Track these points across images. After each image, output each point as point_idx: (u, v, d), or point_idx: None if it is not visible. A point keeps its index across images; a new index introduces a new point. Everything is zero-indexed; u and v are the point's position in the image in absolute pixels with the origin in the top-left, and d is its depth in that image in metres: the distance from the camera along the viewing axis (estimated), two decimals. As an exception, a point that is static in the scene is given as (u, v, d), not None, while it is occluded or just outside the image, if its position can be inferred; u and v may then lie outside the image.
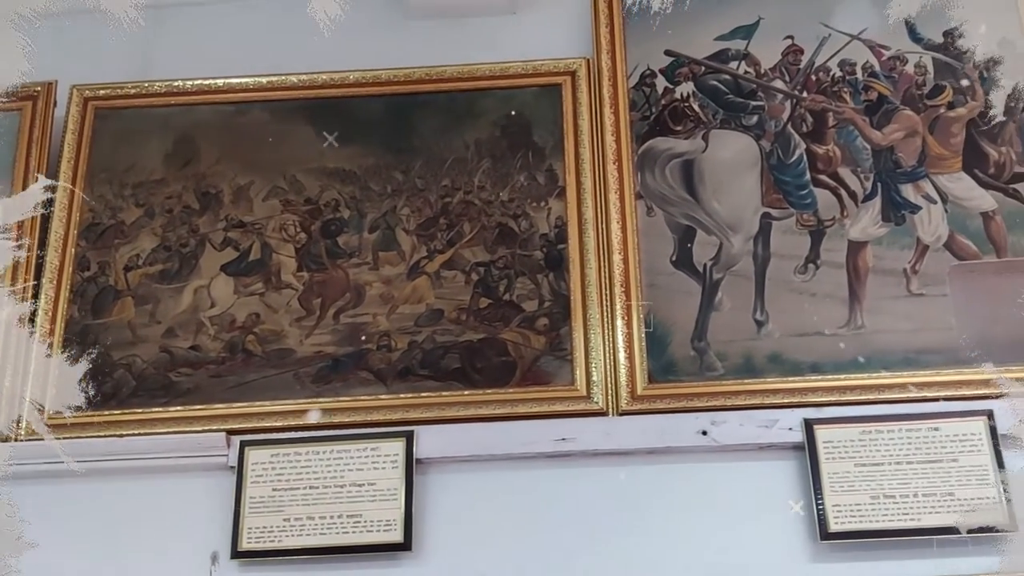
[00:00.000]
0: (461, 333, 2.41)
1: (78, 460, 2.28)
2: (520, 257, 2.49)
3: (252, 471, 2.28)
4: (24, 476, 2.28)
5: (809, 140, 2.54)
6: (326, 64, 2.73)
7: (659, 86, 2.64)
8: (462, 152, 2.61)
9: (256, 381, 2.39)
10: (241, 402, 2.37)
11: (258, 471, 2.28)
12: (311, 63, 2.73)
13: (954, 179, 2.48)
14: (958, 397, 2.23)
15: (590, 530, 2.23)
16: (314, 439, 2.30)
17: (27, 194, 2.54)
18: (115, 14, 2.53)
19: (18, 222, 2.53)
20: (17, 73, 2.51)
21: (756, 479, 2.24)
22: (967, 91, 2.55)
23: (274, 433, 2.33)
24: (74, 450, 2.29)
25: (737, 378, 2.32)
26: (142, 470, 2.34)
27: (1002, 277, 2.35)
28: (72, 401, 2.36)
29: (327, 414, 2.34)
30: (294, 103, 2.69)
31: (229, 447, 2.32)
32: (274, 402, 2.36)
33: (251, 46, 2.79)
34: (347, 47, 2.73)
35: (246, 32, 2.81)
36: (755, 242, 2.46)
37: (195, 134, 2.67)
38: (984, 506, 2.10)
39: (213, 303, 2.49)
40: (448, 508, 2.27)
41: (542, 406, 2.32)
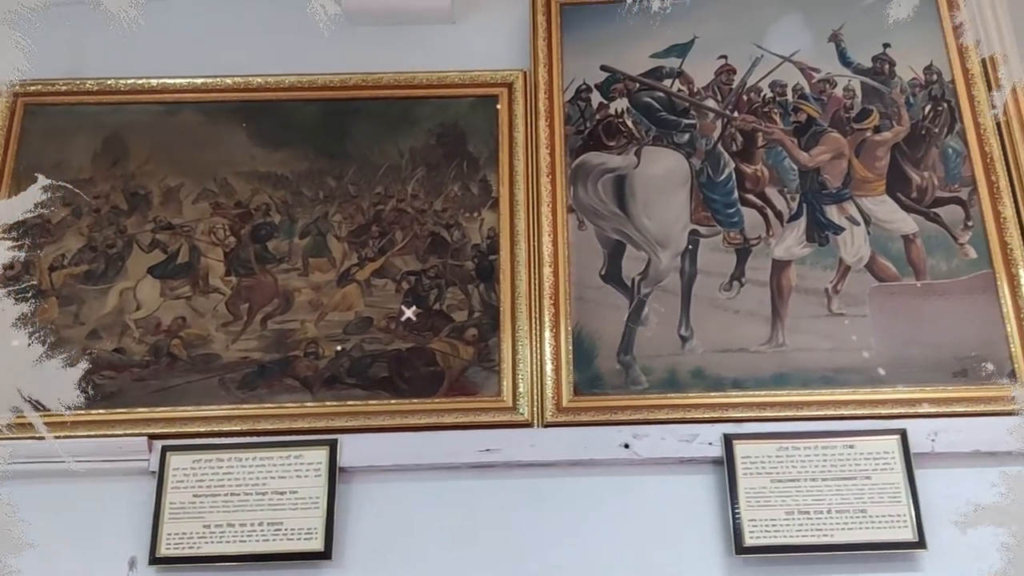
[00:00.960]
0: (390, 342, 2.41)
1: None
2: (451, 267, 2.50)
3: (173, 476, 2.26)
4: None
5: (738, 159, 2.59)
6: (262, 67, 2.71)
7: (594, 101, 2.67)
8: (396, 160, 2.61)
9: (180, 386, 2.37)
10: (164, 407, 2.35)
11: (179, 477, 2.26)
12: (247, 66, 2.71)
13: (877, 202, 2.54)
14: (873, 416, 2.28)
15: (512, 541, 2.24)
16: (237, 446, 2.29)
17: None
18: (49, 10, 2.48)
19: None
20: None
21: (676, 492, 2.27)
22: (893, 116, 2.62)
23: (197, 439, 2.31)
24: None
25: (661, 392, 2.35)
26: (62, 473, 2.28)
27: (920, 299, 2.41)
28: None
29: (250, 421, 2.32)
30: (228, 105, 2.67)
31: (151, 452, 2.30)
32: (198, 407, 2.34)
33: (186, 47, 2.76)
34: (284, 51, 2.73)
35: (182, 33, 2.78)
36: (683, 258, 2.50)
37: (125, 133, 2.64)
38: (895, 523, 2.15)
39: (139, 305, 2.47)
40: (370, 517, 2.27)
41: (468, 416, 2.33)
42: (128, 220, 2.56)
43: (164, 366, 2.39)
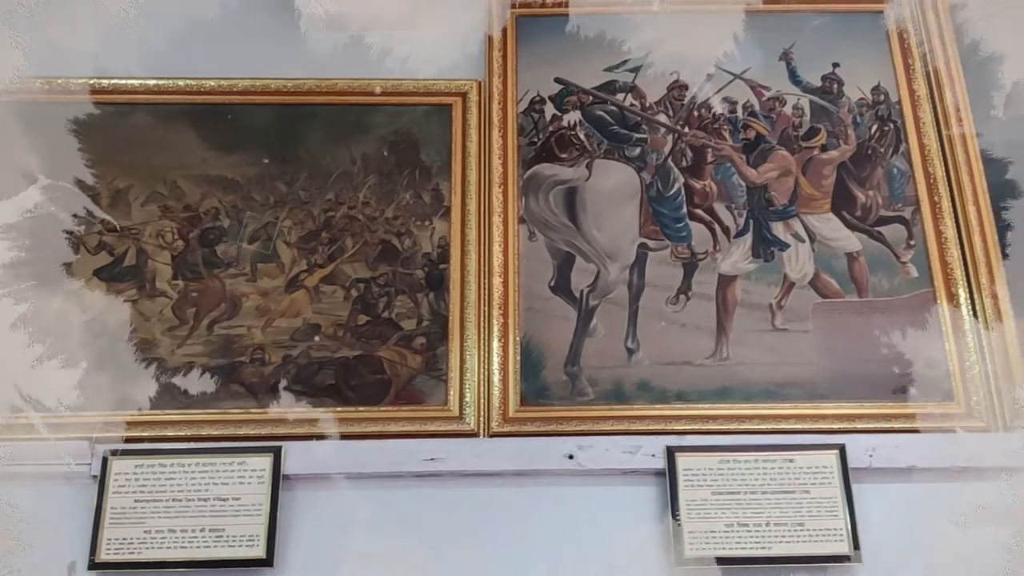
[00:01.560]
0: (337, 349, 2.41)
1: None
2: (401, 275, 2.50)
3: (115, 481, 2.24)
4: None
5: (688, 174, 2.62)
6: (217, 70, 2.70)
7: (547, 113, 2.68)
8: (348, 166, 2.61)
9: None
10: (107, 410, 2.32)
11: (121, 481, 2.24)
12: (201, 68, 2.69)
13: (823, 219, 2.58)
14: (813, 431, 2.32)
15: (456, 550, 2.25)
16: (180, 451, 2.27)
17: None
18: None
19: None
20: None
21: (619, 503, 2.29)
22: (840, 135, 2.66)
23: (139, 443, 2.29)
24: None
25: (606, 404, 2.37)
26: (2, 477, 2.28)
27: (862, 316, 2.46)
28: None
29: (194, 427, 2.31)
30: (179, 107, 2.65)
31: (93, 456, 2.27)
32: (141, 412, 2.32)
33: (138, 47, 2.74)
34: (239, 54, 2.72)
35: (134, 34, 2.76)
36: (631, 271, 2.52)
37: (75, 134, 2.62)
38: (832, 537, 2.19)
39: (85, 308, 2.44)
40: (314, 525, 2.26)
41: (414, 425, 2.33)
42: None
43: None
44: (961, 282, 2.47)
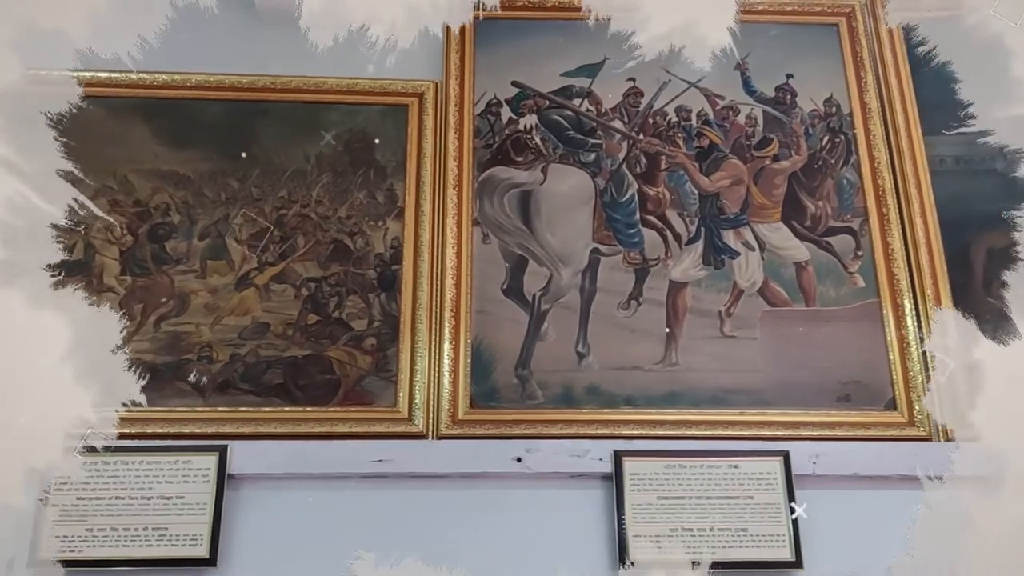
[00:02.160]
0: (286, 348, 2.40)
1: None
2: (353, 275, 2.49)
3: (58, 478, 2.21)
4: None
5: (642, 181, 2.64)
6: (171, 64, 2.67)
7: (504, 116, 2.69)
8: (302, 164, 2.60)
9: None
10: (50, 407, 2.28)
11: (64, 478, 2.21)
12: (153, 62, 2.66)
13: (773, 228, 2.61)
14: (758, 437, 2.35)
15: (402, 552, 2.23)
16: (124, 449, 2.24)
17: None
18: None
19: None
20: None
21: (566, 507, 2.30)
22: (792, 145, 2.69)
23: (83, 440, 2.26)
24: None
25: (555, 407, 2.38)
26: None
27: (808, 325, 2.49)
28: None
29: (139, 424, 2.28)
30: (132, 101, 2.62)
31: (35, 452, 2.23)
32: (85, 408, 2.29)
33: (91, 41, 2.69)
34: (193, 49, 2.69)
35: (86, 26, 2.71)
36: (583, 276, 2.53)
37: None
38: (774, 543, 2.22)
39: (29, 302, 2.40)
40: (259, 525, 2.25)
41: (363, 426, 2.33)
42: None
43: (53, 365, 2.33)
44: (907, 293, 2.51)
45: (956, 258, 2.55)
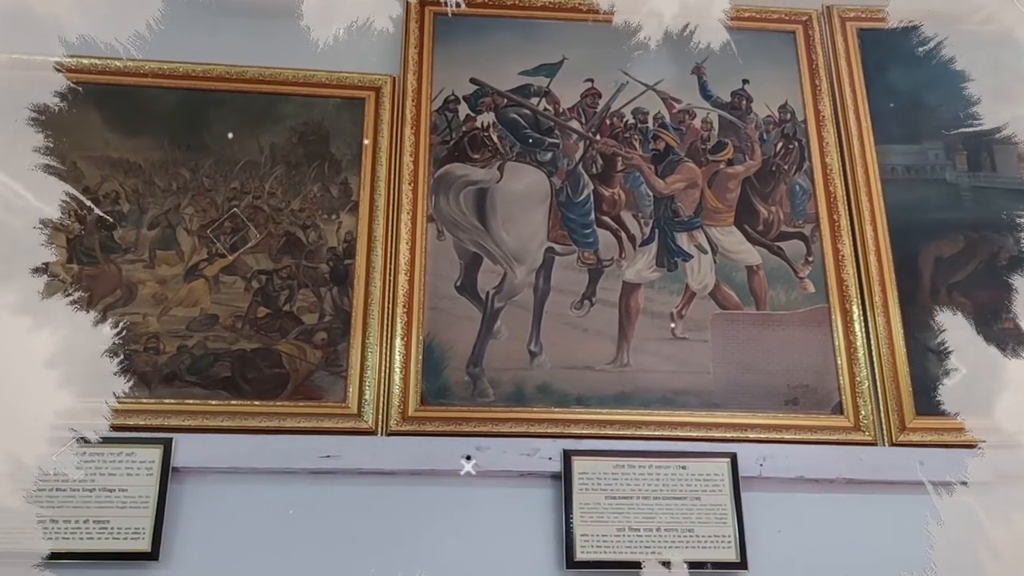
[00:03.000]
0: (235, 341, 2.37)
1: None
2: (305, 268, 2.47)
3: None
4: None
5: (597, 181, 2.64)
6: (125, 51, 2.61)
7: (461, 112, 2.68)
8: (256, 156, 2.57)
9: (10, 375, 2.26)
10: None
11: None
12: (106, 48, 2.61)
13: (726, 232, 2.63)
14: (707, 439, 2.36)
15: (349, 548, 2.22)
16: (65, 440, 2.19)
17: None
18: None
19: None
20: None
21: (515, 506, 2.30)
22: (747, 150, 2.72)
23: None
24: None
25: (506, 406, 2.38)
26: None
27: (758, 328, 2.51)
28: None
29: (82, 415, 2.23)
30: (84, 87, 2.57)
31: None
32: (26, 398, 2.24)
33: (43, 25, 2.64)
34: (147, 35, 2.64)
35: (38, 10, 2.66)
36: (537, 275, 2.53)
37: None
38: (720, 544, 2.23)
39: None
40: (203, 520, 2.21)
41: (311, 421, 2.30)
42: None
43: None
44: (855, 299, 2.54)
45: (904, 266, 2.59)
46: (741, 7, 2.85)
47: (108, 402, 2.22)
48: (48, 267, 2.37)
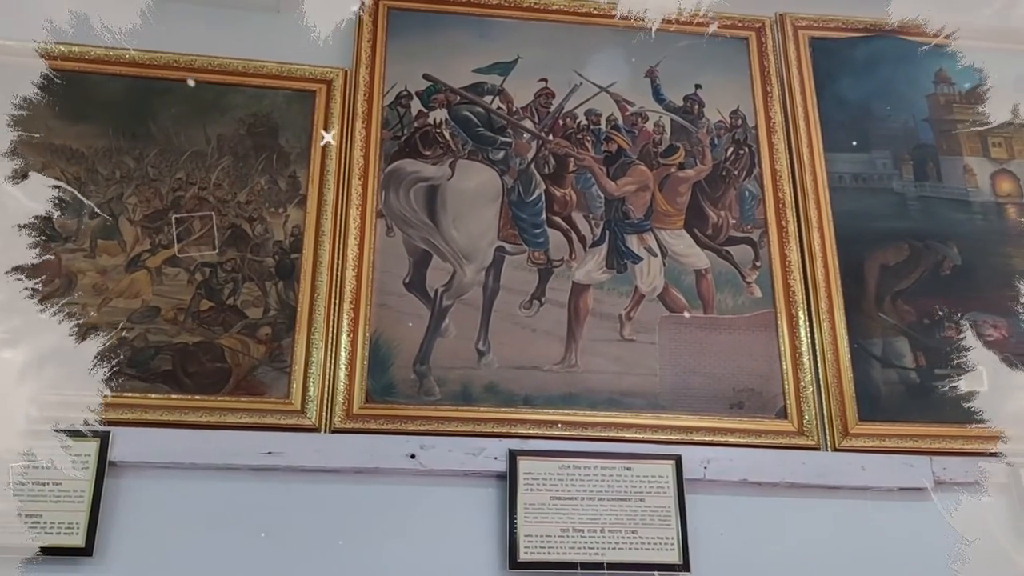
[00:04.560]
0: (176, 334, 2.32)
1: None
2: (250, 262, 2.43)
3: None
4: None
5: (549, 182, 2.64)
6: (69, 36, 2.56)
7: (414, 108, 2.66)
8: (202, 146, 2.53)
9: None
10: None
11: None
12: (52, 33, 2.55)
13: (675, 235, 2.64)
14: (652, 440, 2.36)
15: (290, 546, 2.19)
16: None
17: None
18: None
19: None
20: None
21: (459, 505, 2.28)
22: (698, 154, 2.73)
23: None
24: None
25: (452, 404, 2.36)
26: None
27: (705, 332, 2.52)
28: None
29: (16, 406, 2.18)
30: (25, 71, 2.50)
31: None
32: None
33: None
34: (93, 21, 2.58)
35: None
36: (487, 274, 2.52)
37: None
38: (663, 546, 2.23)
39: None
40: (140, 515, 2.17)
41: (253, 417, 2.27)
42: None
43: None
44: (801, 305, 2.56)
45: (850, 273, 2.62)
46: (695, 12, 2.86)
47: (43, 394, 2.18)
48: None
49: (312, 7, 2.73)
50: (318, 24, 2.71)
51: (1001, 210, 2.78)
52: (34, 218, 2.37)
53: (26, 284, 2.28)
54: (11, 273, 2.30)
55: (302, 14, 2.71)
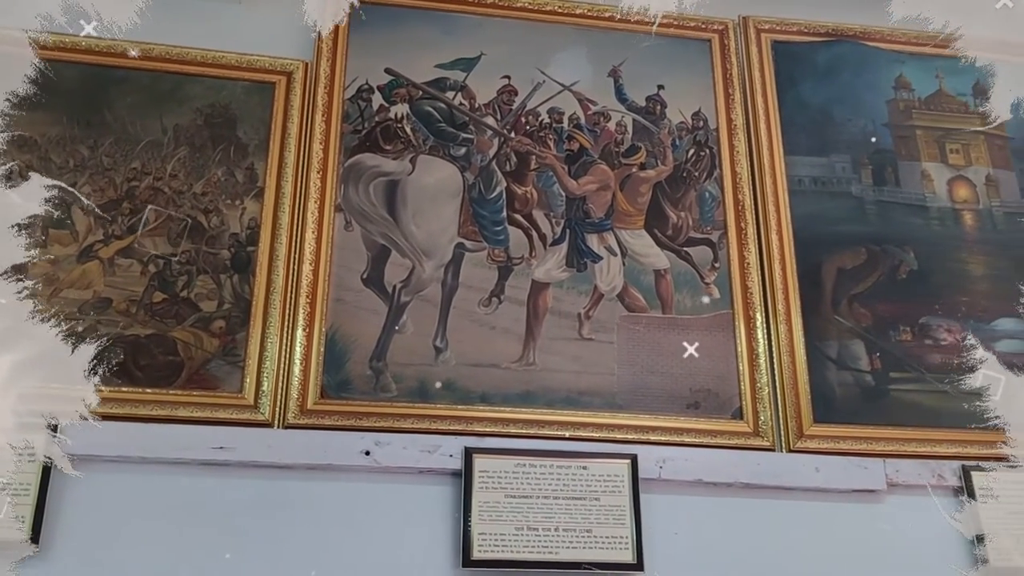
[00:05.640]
0: (128, 326, 2.28)
1: None
2: (205, 254, 2.40)
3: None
4: None
5: (511, 179, 2.63)
6: (23, 22, 2.51)
7: (375, 102, 2.64)
8: (159, 136, 2.49)
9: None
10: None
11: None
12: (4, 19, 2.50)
13: (635, 235, 2.64)
14: (608, 440, 2.36)
15: (240, 543, 2.16)
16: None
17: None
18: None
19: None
20: None
21: (414, 502, 2.26)
22: (659, 155, 2.73)
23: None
24: None
25: (408, 401, 2.34)
26: None
27: (663, 332, 2.52)
28: None
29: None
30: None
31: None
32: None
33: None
34: (48, 7, 2.54)
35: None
36: (446, 270, 2.50)
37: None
38: (617, 545, 2.23)
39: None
40: (88, 509, 2.12)
41: (205, 411, 2.23)
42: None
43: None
44: (759, 307, 2.57)
45: (808, 275, 2.63)
46: (659, 13, 2.86)
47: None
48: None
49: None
50: (280, 15, 2.69)
51: (957, 216, 2.81)
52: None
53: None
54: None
55: (264, 6, 2.69)
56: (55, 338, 2.24)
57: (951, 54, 2.97)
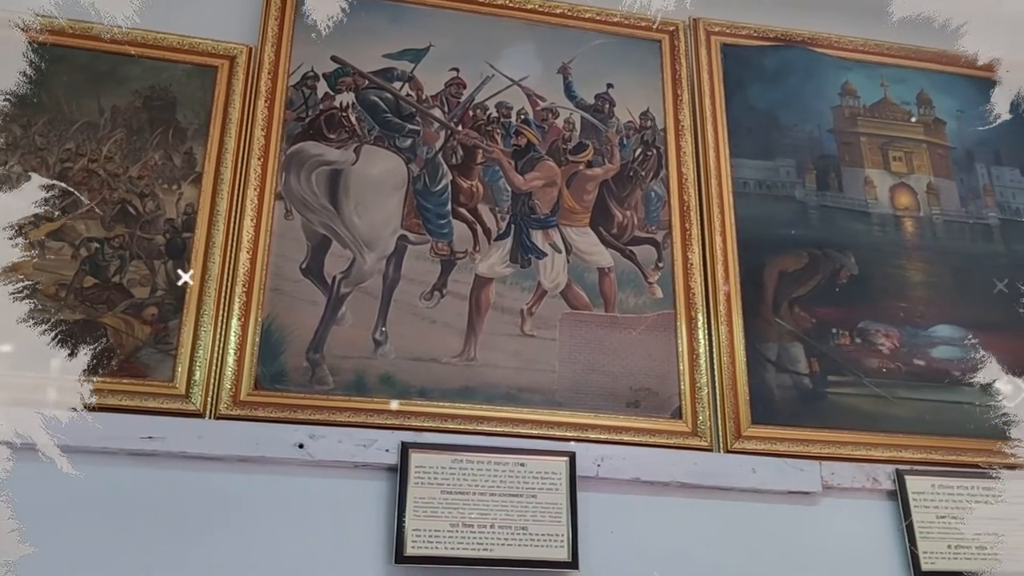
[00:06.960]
0: (57, 311, 2.21)
1: None
2: (139, 239, 2.33)
3: None
4: None
5: (456, 172, 2.60)
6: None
7: (320, 90, 2.60)
8: (95, 117, 2.42)
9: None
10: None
11: None
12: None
13: (580, 233, 2.62)
14: (547, 437, 2.34)
15: (167, 534, 2.11)
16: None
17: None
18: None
19: None
20: None
21: (347, 497, 2.22)
22: (606, 153, 2.72)
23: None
24: None
25: (345, 394, 2.30)
26: None
27: (605, 330, 2.51)
28: None
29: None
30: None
31: None
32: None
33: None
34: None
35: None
36: (388, 262, 2.47)
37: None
38: (552, 543, 2.21)
39: None
40: (8, 498, 2.05)
41: (134, 400, 2.18)
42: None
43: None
44: (701, 308, 2.58)
45: (750, 277, 2.64)
46: (610, 11, 2.86)
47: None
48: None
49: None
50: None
51: (898, 222, 2.84)
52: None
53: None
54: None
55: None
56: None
57: (895, 63, 3.00)
